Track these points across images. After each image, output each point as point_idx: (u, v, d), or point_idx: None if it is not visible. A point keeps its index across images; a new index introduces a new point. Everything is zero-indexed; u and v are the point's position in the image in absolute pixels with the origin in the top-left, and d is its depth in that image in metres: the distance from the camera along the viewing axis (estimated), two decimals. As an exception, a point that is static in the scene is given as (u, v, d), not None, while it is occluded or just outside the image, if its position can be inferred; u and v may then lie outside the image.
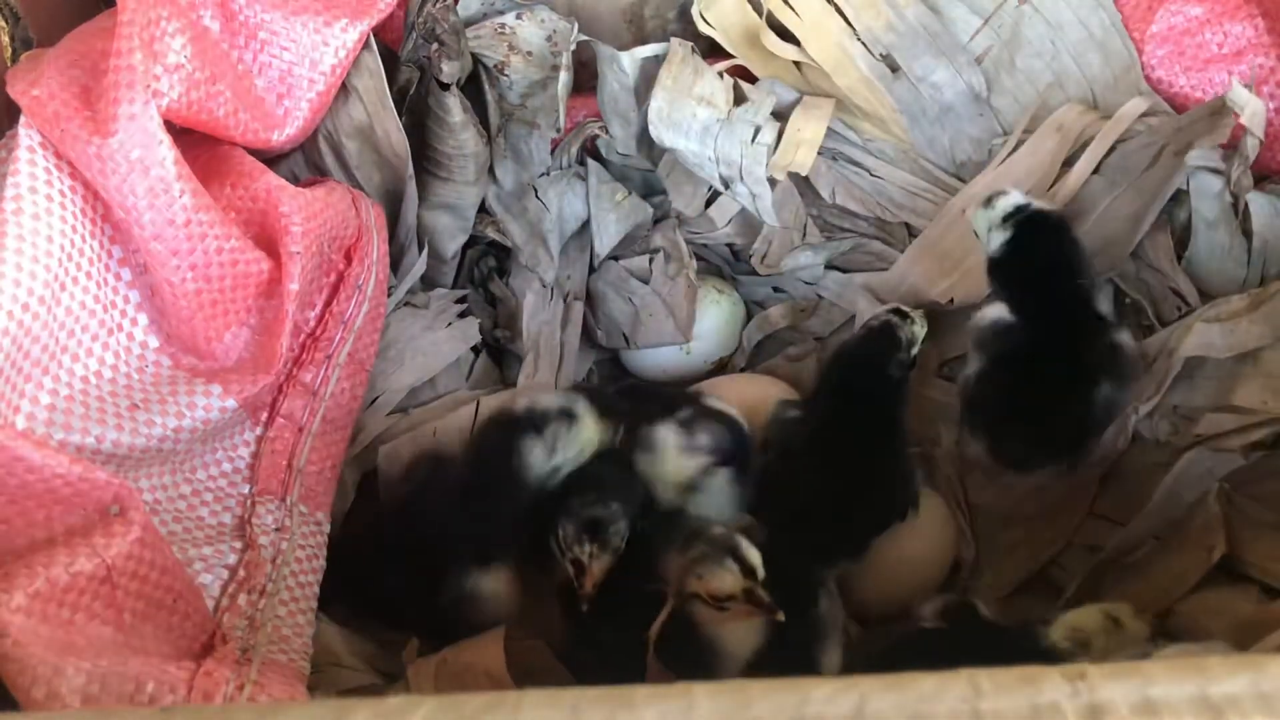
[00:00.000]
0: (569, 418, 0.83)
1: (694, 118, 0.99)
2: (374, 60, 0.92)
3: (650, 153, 1.07)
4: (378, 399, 0.96)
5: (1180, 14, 0.94)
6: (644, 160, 1.08)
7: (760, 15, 1.02)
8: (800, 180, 1.04)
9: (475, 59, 1.00)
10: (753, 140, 1.00)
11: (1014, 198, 0.90)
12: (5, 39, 0.81)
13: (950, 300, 0.99)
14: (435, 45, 0.94)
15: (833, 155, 1.06)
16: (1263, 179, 0.91)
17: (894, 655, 0.77)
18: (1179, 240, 0.93)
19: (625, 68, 1.01)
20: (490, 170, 1.04)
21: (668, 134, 1.00)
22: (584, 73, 1.05)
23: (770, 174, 1.01)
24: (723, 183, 1.03)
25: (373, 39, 0.91)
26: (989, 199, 0.91)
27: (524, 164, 1.06)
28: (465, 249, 1.07)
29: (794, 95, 1.04)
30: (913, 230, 1.05)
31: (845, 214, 1.07)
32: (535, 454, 0.82)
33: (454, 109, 0.96)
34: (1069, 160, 0.97)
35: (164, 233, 0.74)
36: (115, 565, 0.61)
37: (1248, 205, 0.88)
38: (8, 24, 0.81)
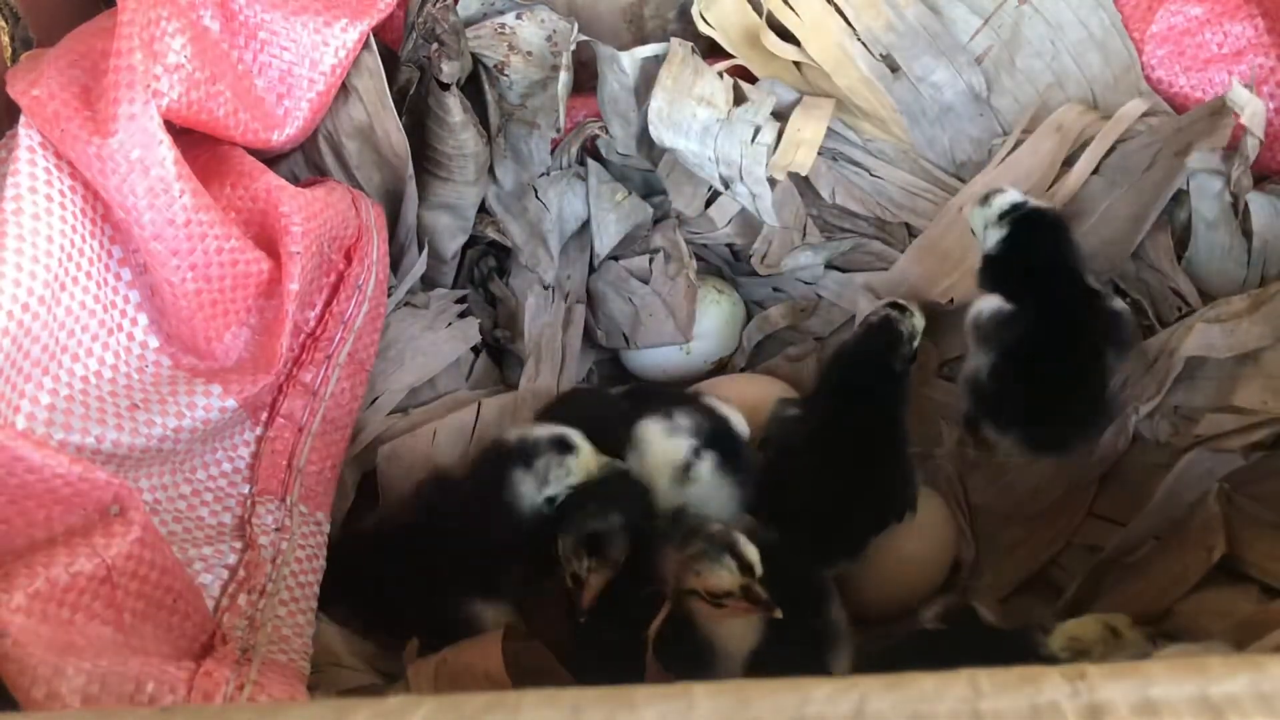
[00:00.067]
0: (563, 449, 0.82)
1: (694, 118, 0.99)
2: (374, 60, 0.92)
3: (650, 153, 1.07)
4: (378, 399, 0.96)
5: (1180, 14, 0.94)
6: (644, 160, 1.08)
7: (760, 15, 1.02)
8: (800, 180, 1.04)
9: (475, 59, 1.00)
10: (753, 140, 1.00)
11: (1010, 195, 0.90)
12: (5, 39, 0.81)
13: (950, 300, 0.99)
14: (435, 45, 0.94)
15: (833, 155, 1.06)
16: (1263, 179, 0.92)
17: (893, 657, 0.77)
18: (1179, 240, 0.93)
19: (625, 68, 1.01)
20: (490, 170, 1.04)
21: (668, 134, 1.00)
22: (584, 73, 1.05)
23: (770, 174, 1.01)
24: (723, 183, 1.03)
25: (373, 39, 0.91)
26: (986, 197, 0.91)
27: (524, 164, 1.06)
28: (465, 249, 1.07)
29: (794, 95, 1.04)
30: (913, 230, 1.05)
31: (845, 214, 1.07)
32: (526, 486, 0.81)
33: (454, 109, 0.96)
34: (1069, 160, 0.97)
35: (164, 233, 0.74)
36: (115, 565, 0.61)
37: (1248, 205, 0.88)
38: (8, 24, 0.81)
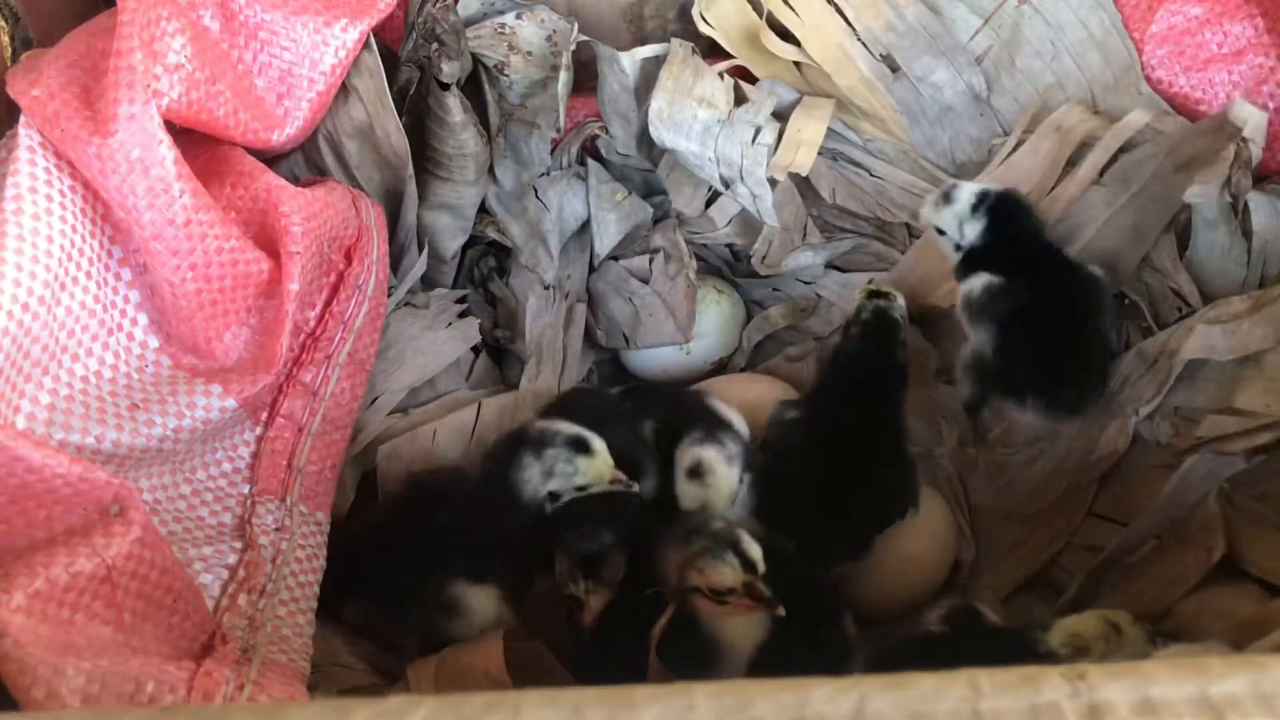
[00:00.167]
0: (577, 448, 0.81)
1: (694, 118, 0.99)
2: (374, 60, 0.92)
3: (650, 153, 1.07)
4: (378, 399, 0.96)
5: (1180, 14, 0.94)
6: (644, 160, 1.08)
7: (760, 15, 1.02)
8: (800, 180, 1.04)
9: (475, 59, 1.00)
10: (753, 141, 1.00)
11: (969, 187, 0.92)
12: (5, 39, 0.81)
13: (952, 304, 0.99)
14: (435, 45, 0.94)
15: (833, 155, 1.06)
16: (1263, 179, 0.92)
17: (892, 658, 0.77)
18: (1179, 240, 0.92)
19: (625, 68, 1.01)
20: (490, 170, 1.04)
21: (668, 134, 1.00)
22: (584, 73, 1.05)
23: (770, 174, 1.01)
24: (723, 183, 1.03)
25: (373, 39, 0.91)
26: (945, 196, 0.92)
27: (524, 164, 1.06)
28: (465, 249, 1.07)
29: (794, 95, 1.04)
30: (913, 231, 1.05)
31: (845, 214, 1.07)
32: (531, 473, 0.81)
33: (454, 109, 0.96)
34: (1070, 161, 0.97)
35: (164, 233, 0.74)
36: (115, 565, 0.61)
37: (1247, 205, 0.88)
38: (8, 24, 0.81)
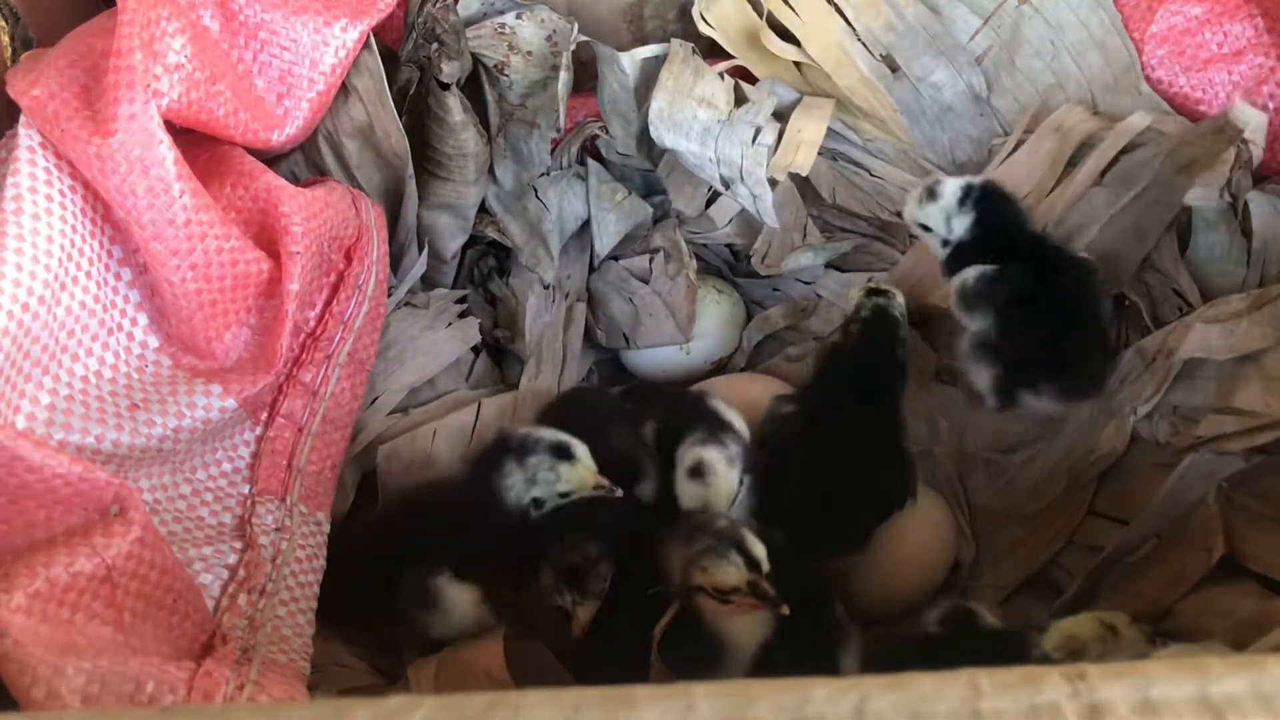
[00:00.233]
0: (559, 455, 0.81)
1: (695, 118, 0.99)
2: (374, 60, 0.92)
3: (650, 153, 1.07)
4: (378, 399, 0.96)
5: (1180, 14, 0.94)
6: (644, 160, 1.08)
7: (760, 15, 1.02)
8: (800, 180, 1.04)
9: (475, 59, 1.00)
10: (753, 141, 1.00)
11: (954, 181, 0.91)
12: (5, 39, 0.81)
13: (951, 303, 0.99)
14: (435, 45, 0.94)
15: (833, 155, 1.06)
16: (1262, 179, 0.91)
17: (889, 659, 0.77)
18: (1179, 240, 0.92)
19: (625, 68, 1.01)
20: (490, 170, 1.04)
21: (668, 135, 1.00)
22: (584, 73, 1.05)
23: (770, 174, 1.01)
24: (723, 183, 1.03)
25: (373, 39, 0.91)
26: (929, 192, 0.91)
27: (524, 164, 1.06)
28: (465, 249, 1.07)
29: (794, 95, 1.04)
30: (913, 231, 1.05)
31: (845, 214, 1.07)
32: (514, 479, 0.81)
33: (454, 109, 0.96)
34: (1069, 161, 0.97)
35: (164, 233, 0.74)
36: (115, 565, 0.61)
37: (1247, 205, 0.88)
38: (8, 24, 0.81)
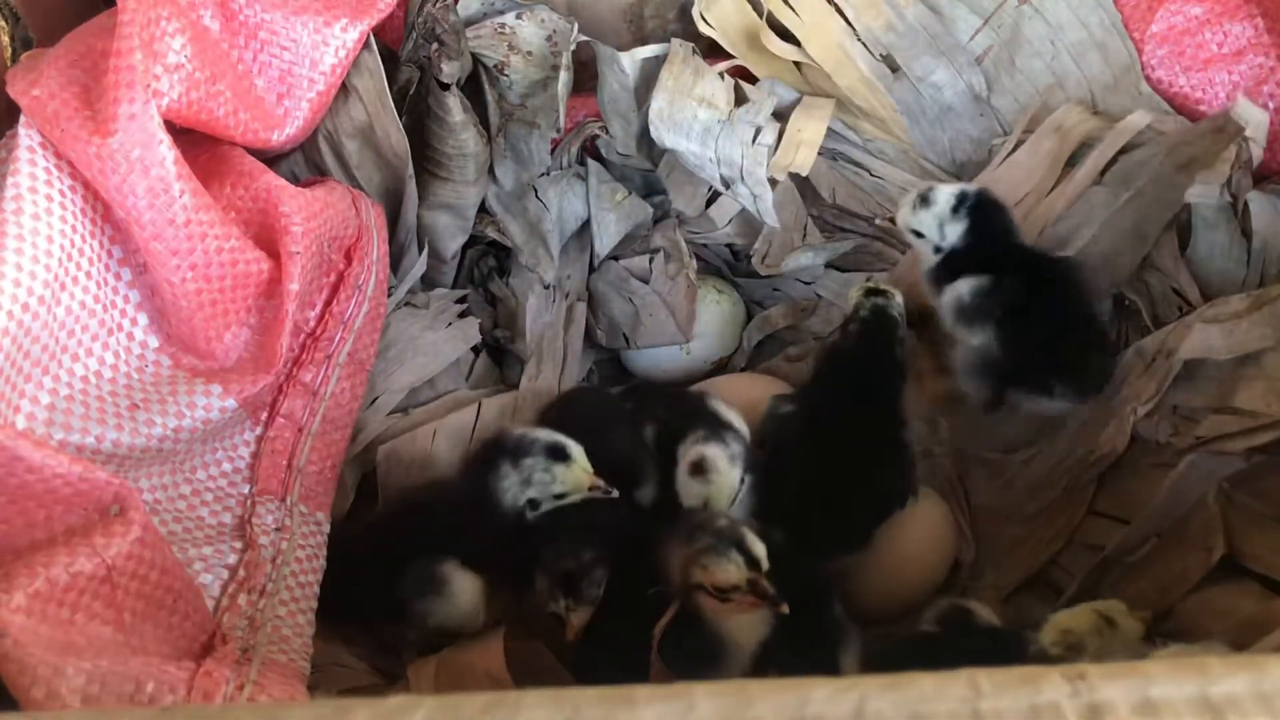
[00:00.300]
0: (554, 456, 0.81)
1: (695, 118, 0.99)
2: (374, 60, 0.92)
3: (650, 153, 1.07)
4: (378, 399, 0.96)
5: (1180, 14, 0.94)
6: (644, 160, 1.08)
7: (760, 15, 1.02)
8: (800, 180, 1.04)
9: (475, 59, 1.00)
10: (753, 141, 1.00)
11: (947, 189, 0.91)
12: (5, 39, 0.81)
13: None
14: (435, 45, 0.94)
15: (833, 155, 1.06)
16: (1262, 179, 0.91)
17: (887, 659, 0.76)
18: (1179, 240, 0.92)
19: (625, 68, 1.01)
20: (490, 170, 1.04)
21: (668, 134, 1.00)
22: (584, 73, 1.05)
23: (771, 174, 1.01)
24: (723, 183, 1.03)
25: (373, 39, 0.91)
26: (922, 198, 0.91)
27: (524, 164, 1.06)
28: (465, 249, 1.07)
29: (794, 95, 1.04)
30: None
31: (845, 214, 1.07)
32: (509, 481, 0.81)
33: (454, 109, 0.96)
34: (1070, 161, 0.97)
35: (164, 233, 0.74)
36: (115, 565, 0.61)
37: (1247, 205, 0.88)
38: (8, 24, 0.81)
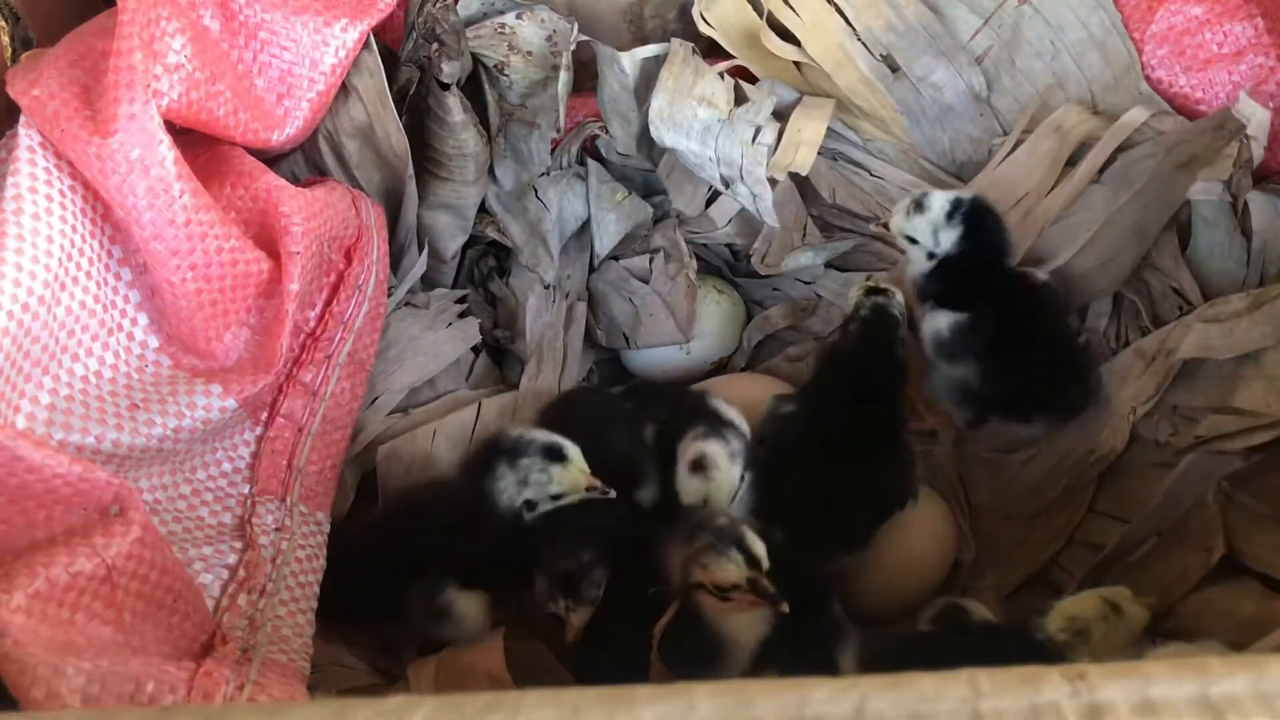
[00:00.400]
0: (551, 456, 0.80)
1: (695, 118, 0.99)
2: (374, 60, 0.92)
3: (650, 153, 1.07)
4: (378, 399, 0.96)
5: (1180, 14, 0.94)
6: (644, 160, 1.08)
7: (760, 15, 1.02)
8: (800, 180, 1.04)
9: (475, 59, 1.00)
10: (753, 141, 1.00)
11: (942, 194, 0.91)
12: (5, 39, 0.81)
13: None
14: (435, 45, 0.94)
15: (833, 155, 1.06)
16: (1262, 179, 0.91)
17: (885, 659, 0.77)
18: (1179, 239, 0.92)
19: (625, 68, 1.01)
20: (490, 170, 1.04)
21: (668, 134, 1.00)
22: (584, 73, 1.05)
23: (770, 174, 1.01)
24: (723, 183, 1.03)
25: (373, 39, 0.91)
26: (917, 204, 0.91)
27: (524, 164, 1.06)
28: (465, 249, 1.07)
29: (794, 95, 1.04)
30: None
31: (845, 214, 1.07)
32: (506, 482, 0.81)
33: (454, 109, 0.96)
34: (1069, 161, 0.97)
35: (164, 233, 0.74)
36: (115, 565, 0.61)
37: (1247, 204, 0.88)
38: (8, 24, 0.81)
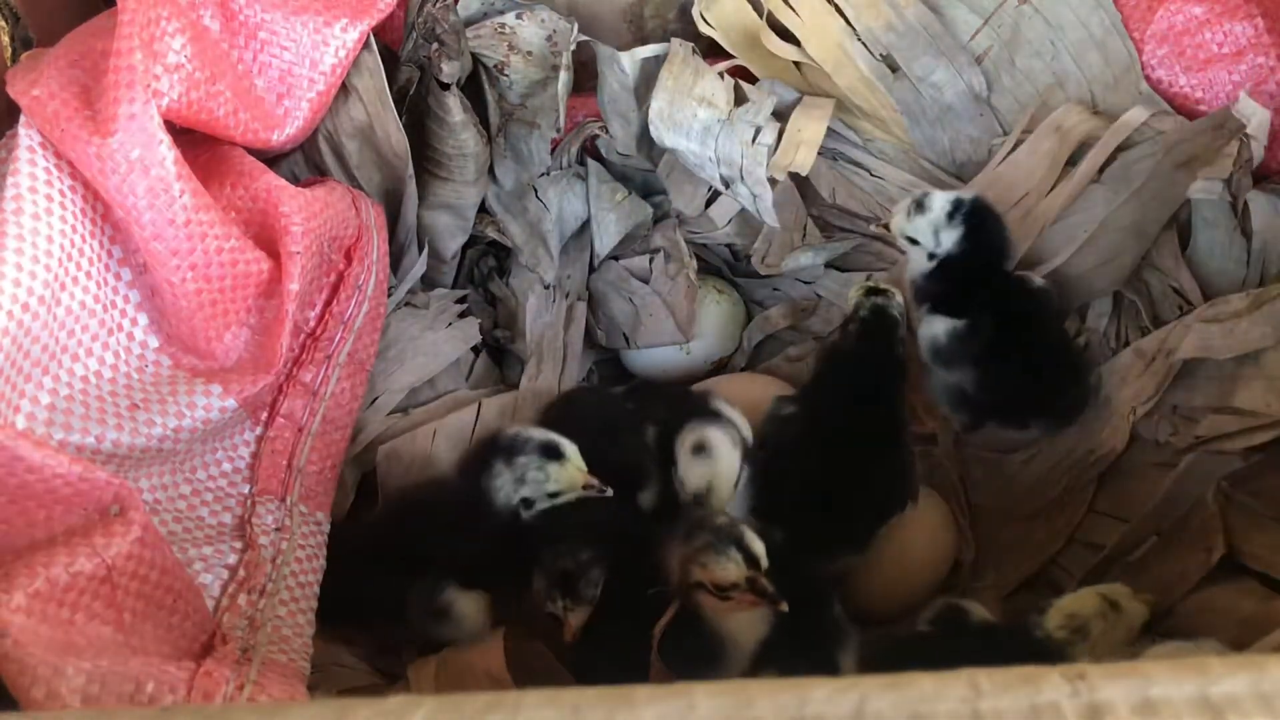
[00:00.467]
0: (548, 454, 0.81)
1: (695, 118, 0.99)
2: (374, 60, 0.92)
3: (650, 153, 1.07)
4: (378, 399, 0.96)
5: (1180, 14, 0.94)
6: (644, 160, 1.08)
7: (760, 15, 1.02)
8: (800, 180, 1.04)
9: (475, 59, 1.00)
10: (753, 141, 1.00)
11: (942, 194, 0.92)
12: (5, 39, 0.81)
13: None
14: (435, 45, 0.94)
15: (833, 155, 1.06)
16: (1262, 178, 0.91)
17: (884, 659, 0.77)
18: (1179, 239, 0.92)
19: (625, 68, 1.01)
20: (490, 170, 1.04)
21: (668, 134, 1.00)
22: (584, 73, 1.05)
23: (770, 174, 1.01)
24: (723, 183, 1.03)
25: (373, 39, 0.91)
26: (918, 205, 0.92)
27: (524, 164, 1.06)
28: (465, 249, 1.07)
29: (794, 95, 1.04)
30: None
31: (845, 214, 1.07)
32: (503, 480, 0.81)
33: (454, 109, 0.96)
34: (1069, 160, 0.97)
35: (164, 233, 0.74)
36: (115, 565, 0.61)
37: (1247, 204, 0.88)
38: (8, 24, 0.81)
